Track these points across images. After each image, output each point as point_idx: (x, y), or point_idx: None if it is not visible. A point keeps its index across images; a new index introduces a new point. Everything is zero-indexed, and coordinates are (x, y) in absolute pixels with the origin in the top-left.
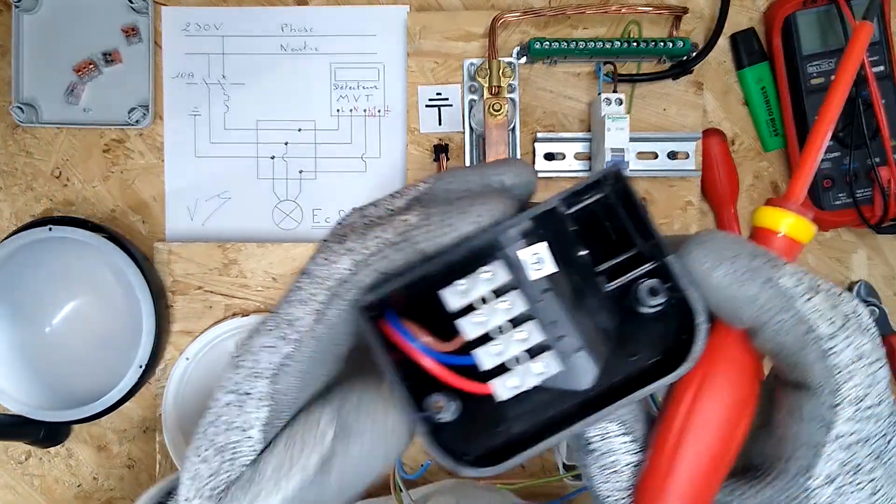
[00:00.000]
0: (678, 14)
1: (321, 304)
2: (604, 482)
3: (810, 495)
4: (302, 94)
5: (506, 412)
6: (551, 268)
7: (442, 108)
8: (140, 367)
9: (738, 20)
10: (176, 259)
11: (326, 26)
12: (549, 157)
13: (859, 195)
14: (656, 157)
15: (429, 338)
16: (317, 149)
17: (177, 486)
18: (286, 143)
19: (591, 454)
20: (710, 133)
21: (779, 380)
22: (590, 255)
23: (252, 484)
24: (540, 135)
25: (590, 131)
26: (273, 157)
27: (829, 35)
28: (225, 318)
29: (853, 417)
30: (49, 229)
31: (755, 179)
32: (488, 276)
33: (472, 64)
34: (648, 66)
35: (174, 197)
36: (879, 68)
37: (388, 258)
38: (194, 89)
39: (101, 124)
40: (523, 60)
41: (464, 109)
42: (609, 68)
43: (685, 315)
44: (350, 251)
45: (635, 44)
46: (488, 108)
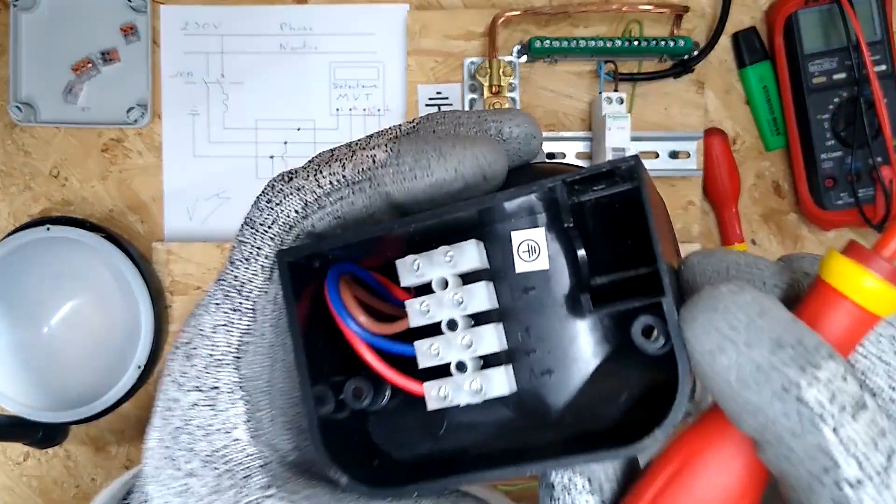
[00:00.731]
0: (679, 13)
1: (267, 258)
2: None
3: None
4: (301, 94)
5: (447, 421)
6: (543, 263)
7: (442, 108)
8: (139, 367)
9: (739, 19)
10: (175, 259)
11: (326, 25)
12: (550, 156)
13: (861, 195)
14: (657, 156)
15: (364, 317)
16: (316, 148)
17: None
18: (285, 143)
19: (550, 496)
20: (712, 132)
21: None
22: (588, 260)
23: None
24: None
25: (591, 130)
26: (272, 157)
27: (831, 34)
28: None
29: None
30: (47, 229)
31: (757, 179)
32: (449, 256)
33: (472, 63)
34: (649, 65)
35: (173, 197)
36: (882, 67)
37: (346, 199)
38: (193, 88)
39: (100, 124)
40: (524, 59)
41: (464, 109)
42: (610, 67)
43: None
44: (299, 190)
45: (636, 42)
46: (488, 107)
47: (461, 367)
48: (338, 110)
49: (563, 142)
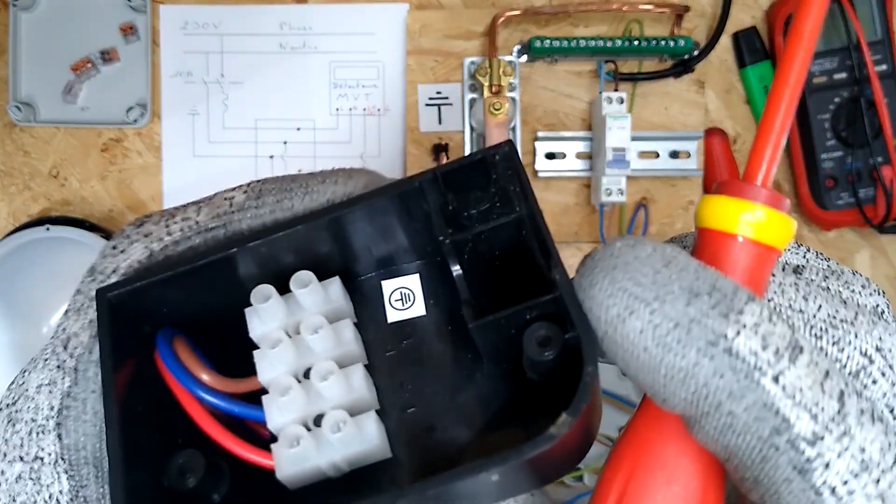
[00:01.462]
0: (680, 12)
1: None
2: None
3: None
4: (301, 93)
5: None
6: (419, 310)
7: (442, 107)
8: None
9: (740, 18)
10: None
11: (325, 25)
12: (550, 156)
13: (862, 195)
14: (658, 156)
15: (207, 375)
16: (316, 148)
17: None
18: (285, 143)
19: None
20: (712, 132)
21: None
22: (475, 293)
23: None
24: (541, 134)
25: (591, 130)
26: (272, 157)
27: (831, 33)
28: None
29: None
30: (46, 229)
31: None
32: (307, 296)
33: (472, 62)
34: (650, 65)
35: (172, 197)
36: (882, 67)
37: (196, 247)
38: (193, 88)
39: (99, 123)
40: (524, 59)
41: (464, 108)
42: (610, 67)
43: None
44: (147, 237)
45: (637, 42)
46: (489, 106)
47: (319, 425)
48: (338, 110)
49: (564, 142)
